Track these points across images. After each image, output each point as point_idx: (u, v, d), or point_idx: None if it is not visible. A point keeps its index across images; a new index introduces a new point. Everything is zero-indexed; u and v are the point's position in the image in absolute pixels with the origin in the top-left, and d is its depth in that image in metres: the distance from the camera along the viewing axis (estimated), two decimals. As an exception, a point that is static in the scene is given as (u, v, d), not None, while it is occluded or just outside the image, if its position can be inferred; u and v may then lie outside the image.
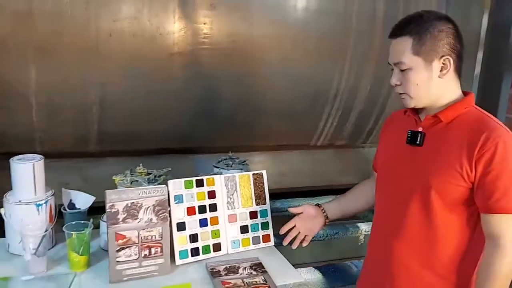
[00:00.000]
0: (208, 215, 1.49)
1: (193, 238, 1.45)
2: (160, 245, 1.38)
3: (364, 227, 1.75)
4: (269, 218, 1.58)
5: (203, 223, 1.48)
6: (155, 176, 1.60)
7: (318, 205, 1.56)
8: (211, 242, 1.48)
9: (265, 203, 1.58)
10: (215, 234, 1.49)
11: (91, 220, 1.40)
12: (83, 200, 1.52)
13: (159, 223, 1.38)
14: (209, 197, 1.50)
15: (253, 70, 2.25)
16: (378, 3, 2.32)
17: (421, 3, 2.39)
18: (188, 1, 2.07)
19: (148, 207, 1.37)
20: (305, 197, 2.02)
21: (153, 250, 1.37)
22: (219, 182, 1.52)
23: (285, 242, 1.52)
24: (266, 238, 1.57)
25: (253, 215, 1.56)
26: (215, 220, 1.49)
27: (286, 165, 2.69)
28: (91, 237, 1.44)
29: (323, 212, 1.54)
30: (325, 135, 2.58)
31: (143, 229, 1.36)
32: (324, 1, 2.25)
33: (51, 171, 2.45)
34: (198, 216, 1.47)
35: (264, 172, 1.61)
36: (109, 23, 2.00)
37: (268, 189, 1.62)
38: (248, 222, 1.55)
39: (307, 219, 1.52)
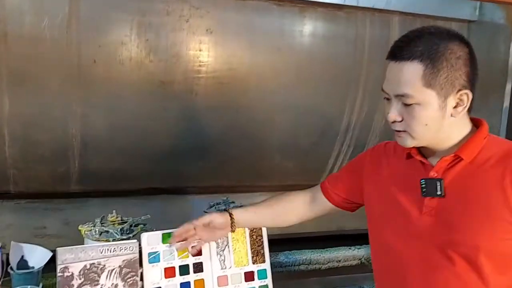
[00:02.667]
0: (191, 277, 1.16)
1: (172, 308, 1.12)
2: (128, 319, 1.05)
3: None
4: (269, 280, 1.24)
5: (185, 288, 1.15)
6: (130, 226, 1.28)
7: (229, 214, 1.18)
8: (194, 313, 1.15)
9: (264, 261, 1.25)
10: (201, 302, 1.16)
11: (41, 285, 1.07)
12: (38, 257, 1.20)
13: (127, 290, 1.05)
14: (194, 255, 1.17)
15: (253, 101, 1.96)
16: (392, 28, 2.05)
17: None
18: (182, 25, 1.81)
19: (113, 269, 1.04)
20: (313, 249, 1.69)
21: (117, 326, 1.04)
22: (207, 234, 1.20)
23: (173, 242, 1.14)
24: (264, 306, 1.23)
25: (249, 276, 1.22)
26: (200, 284, 1.16)
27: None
28: (46, 303, 1.11)
29: (232, 225, 1.18)
30: (335, 175, 2.26)
31: (106, 298, 1.03)
32: (333, 25, 1.97)
33: (26, 213, 2.16)
34: (179, 279, 1.14)
35: (263, 222, 1.28)
36: (93, 48, 1.73)
37: (269, 236, 1.29)
38: (243, 285, 1.21)
39: (210, 229, 1.17)
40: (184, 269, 1.15)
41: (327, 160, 2.20)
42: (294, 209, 1.23)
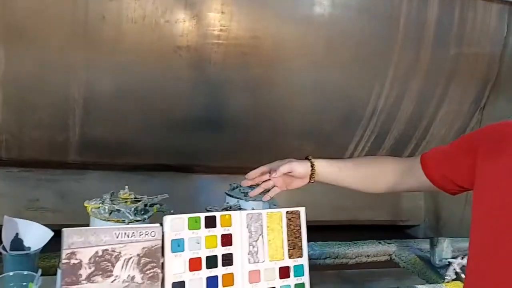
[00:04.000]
0: (220, 271, 0.95)
1: (196, 306, 0.92)
2: (145, 319, 0.85)
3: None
4: (306, 278, 1.04)
5: (212, 283, 0.94)
6: (145, 206, 1.07)
7: (311, 164, 1.02)
8: (221, 312, 0.95)
9: (301, 255, 1.05)
10: (229, 300, 0.96)
11: (39, 271, 0.86)
12: (35, 236, 0.98)
13: (146, 284, 0.85)
14: (223, 244, 0.96)
15: (276, 77, 1.75)
16: (431, 6, 1.84)
17: (480, 11, 1.91)
18: (205, -18, 1.58)
19: (130, 258, 0.84)
20: (341, 241, 1.50)
21: (132, 327, 0.84)
22: (238, 221, 0.99)
23: (252, 194, 1.04)
24: (301, 308, 1.04)
25: (284, 272, 1.02)
26: (229, 279, 0.96)
27: (304, 194, 2.12)
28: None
29: (311, 176, 1.03)
30: (354, 162, 2.07)
31: (120, 293, 0.83)
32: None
33: (18, 183, 1.93)
34: (205, 273, 0.94)
35: (302, 210, 1.09)
36: (102, 2, 1.50)
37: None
38: (277, 283, 1.01)
39: (287, 177, 1.02)
40: (211, 261, 0.94)
41: (347, 146, 2.00)
42: (386, 175, 1.00)
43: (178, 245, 0.91)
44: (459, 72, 1.91)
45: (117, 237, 0.82)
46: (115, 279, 0.82)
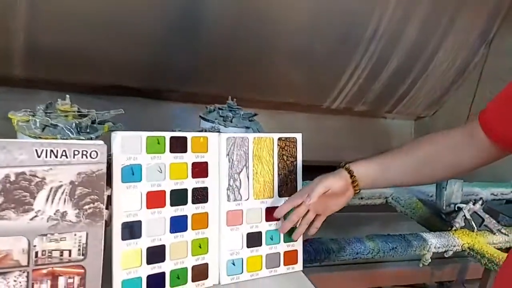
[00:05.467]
0: (189, 209, 0.71)
1: (155, 255, 0.68)
2: (82, 271, 0.60)
3: (434, 241, 1.02)
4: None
5: (178, 225, 0.70)
6: (93, 122, 0.79)
7: (348, 171, 0.77)
8: (190, 263, 0.71)
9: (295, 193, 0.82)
10: (200, 247, 0.72)
11: None
12: None
13: (83, 224, 0.59)
14: (195, 175, 0.71)
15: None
16: None
17: None
18: None
19: (60, 186, 0.57)
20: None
21: (62, 282, 0.59)
22: (217, 146, 0.74)
23: (283, 231, 0.78)
24: (290, 257, 0.81)
25: (272, 214, 0.79)
26: (201, 221, 0.72)
27: (286, 130, 1.93)
28: None
29: (354, 185, 0.78)
30: (345, 96, 1.82)
31: (43, 236, 0.57)
32: None
33: (-47, 102, 1.61)
34: (169, 211, 0.69)
35: (298, 137, 0.84)
36: None
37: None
38: (263, 226, 0.78)
39: (326, 198, 0.77)
40: (178, 196, 0.69)
41: (340, 76, 1.74)
42: (447, 154, 0.73)
43: (132, 173, 0.65)
44: (470, -3, 1.65)
45: (39, 156, 0.55)
46: (36, 215, 0.56)
